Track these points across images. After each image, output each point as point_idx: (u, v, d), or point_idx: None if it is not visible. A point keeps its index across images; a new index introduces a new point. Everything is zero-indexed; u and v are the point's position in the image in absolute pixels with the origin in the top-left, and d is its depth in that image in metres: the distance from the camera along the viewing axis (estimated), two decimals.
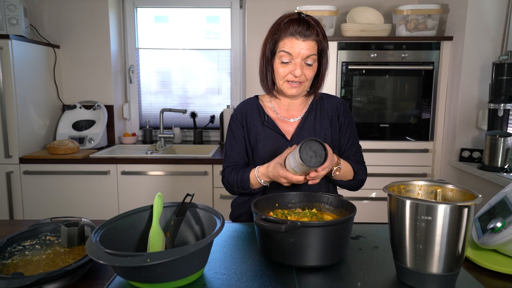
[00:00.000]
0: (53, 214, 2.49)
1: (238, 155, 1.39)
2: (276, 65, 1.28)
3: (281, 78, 1.28)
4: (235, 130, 1.40)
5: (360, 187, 1.39)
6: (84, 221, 1.10)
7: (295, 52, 1.23)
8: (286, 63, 1.26)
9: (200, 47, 3.23)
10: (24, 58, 2.53)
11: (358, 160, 1.40)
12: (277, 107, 1.40)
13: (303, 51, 1.23)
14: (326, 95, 1.44)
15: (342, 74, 2.56)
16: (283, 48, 1.24)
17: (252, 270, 0.94)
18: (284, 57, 1.25)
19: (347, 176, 1.32)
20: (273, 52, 1.28)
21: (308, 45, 1.23)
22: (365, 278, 0.90)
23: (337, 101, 1.42)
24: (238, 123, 1.40)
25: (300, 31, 1.22)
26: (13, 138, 2.49)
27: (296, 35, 1.22)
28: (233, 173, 1.33)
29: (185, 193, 1.05)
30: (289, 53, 1.24)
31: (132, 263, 0.74)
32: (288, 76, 1.27)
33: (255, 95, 1.46)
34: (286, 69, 1.26)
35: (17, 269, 0.90)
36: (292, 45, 1.23)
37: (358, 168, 1.35)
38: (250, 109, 1.40)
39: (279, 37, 1.25)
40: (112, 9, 3.00)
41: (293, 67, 1.25)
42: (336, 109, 1.40)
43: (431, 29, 2.54)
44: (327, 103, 1.41)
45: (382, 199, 2.63)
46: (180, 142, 3.17)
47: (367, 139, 2.62)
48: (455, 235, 0.80)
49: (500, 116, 2.16)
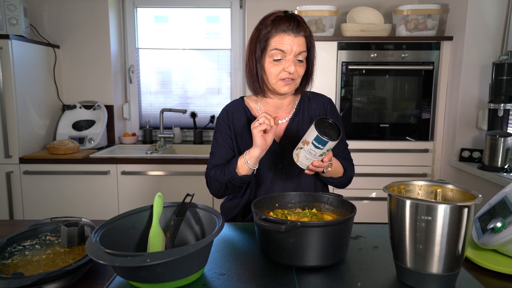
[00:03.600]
0: (53, 214, 2.49)
1: (226, 156, 1.36)
2: (267, 64, 1.26)
3: (274, 77, 1.26)
4: (222, 132, 1.37)
5: (348, 184, 1.40)
6: (84, 221, 1.10)
7: (288, 48, 1.22)
8: (278, 61, 1.24)
9: (200, 47, 3.23)
10: (24, 58, 2.53)
11: (346, 157, 1.41)
12: (263, 109, 1.37)
13: (295, 47, 1.22)
14: (313, 93, 1.43)
15: (342, 74, 2.56)
16: (275, 46, 1.22)
17: (252, 270, 0.94)
18: (276, 55, 1.23)
19: (337, 173, 1.32)
20: (263, 51, 1.26)
21: (299, 41, 1.23)
22: (365, 278, 0.90)
23: (323, 100, 1.42)
24: (225, 125, 1.37)
25: (292, 27, 1.21)
26: (13, 138, 2.49)
27: (288, 31, 1.21)
28: (218, 170, 1.30)
29: (185, 193, 1.05)
30: (282, 50, 1.22)
31: (132, 263, 0.74)
32: (281, 74, 1.25)
33: (241, 97, 1.44)
34: (279, 68, 1.24)
35: (17, 269, 0.90)
36: (285, 41, 1.21)
37: (347, 165, 1.37)
38: (237, 111, 1.38)
39: (270, 34, 1.23)
40: (112, 9, 3.00)
41: (287, 64, 1.23)
42: (323, 107, 1.40)
43: (431, 29, 2.54)
44: (314, 102, 1.40)
45: (382, 199, 2.63)
46: (180, 142, 3.17)
47: (367, 139, 2.62)
48: (455, 235, 0.80)
49: (500, 116, 2.16)
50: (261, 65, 1.27)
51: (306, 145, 1.10)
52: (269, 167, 1.34)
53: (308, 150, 1.09)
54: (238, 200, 1.40)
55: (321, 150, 1.08)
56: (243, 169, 1.25)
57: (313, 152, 1.09)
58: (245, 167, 1.24)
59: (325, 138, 1.05)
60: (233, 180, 1.27)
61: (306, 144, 1.10)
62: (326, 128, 1.09)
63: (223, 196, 1.37)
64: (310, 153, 1.10)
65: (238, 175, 1.26)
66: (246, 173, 1.26)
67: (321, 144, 1.06)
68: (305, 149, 1.10)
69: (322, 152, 1.09)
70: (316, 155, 1.10)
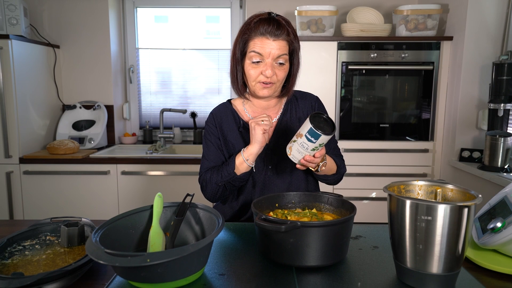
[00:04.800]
0: (53, 214, 2.48)
1: (218, 159, 1.35)
2: (246, 66, 1.26)
3: (252, 79, 1.26)
4: (212, 135, 1.37)
5: (340, 180, 1.41)
6: (84, 221, 1.09)
7: (266, 52, 1.21)
8: (256, 63, 1.23)
9: (200, 47, 3.23)
10: (24, 58, 2.53)
11: (337, 154, 1.42)
12: (250, 111, 1.37)
13: (273, 51, 1.21)
14: (300, 93, 1.43)
15: (342, 74, 2.56)
16: (253, 49, 1.22)
17: (252, 270, 0.94)
18: (254, 57, 1.22)
19: (331, 170, 1.32)
20: (243, 53, 1.25)
21: (279, 45, 1.21)
22: (365, 278, 0.90)
23: (311, 98, 1.42)
24: (214, 129, 1.37)
25: (270, 30, 1.20)
26: (13, 138, 2.49)
27: (266, 34, 1.20)
28: (214, 172, 1.29)
29: (185, 193, 1.05)
30: (259, 53, 1.21)
31: (132, 263, 0.74)
32: (259, 77, 1.24)
33: (228, 100, 1.44)
34: (257, 70, 1.24)
35: (17, 269, 0.90)
36: (262, 44, 1.21)
37: (340, 162, 1.37)
38: (225, 115, 1.38)
39: (249, 37, 1.23)
40: (112, 9, 3.00)
41: (264, 67, 1.22)
42: (311, 106, 1.40)
43: (431, 29, 2.54)
44: (301, 101, 1.41)
45: (382, 199, 2.63)
46: (180, 142, 3.17)
47: (367, 139, 2.62)
48: (455, 235, 0.80)
49: (500, 116, 2.16)
50: (241, 67, 1.28)
51: (300, 138, 1.10)
52: (259, 168, 1.35)
53: (301, 143, 1.10)
54: (233, 203, 1.39)
55: (313, 144, 1.08)
56: (242, 167, 1.25)
57: (305, 146, 1.10)
58: (244, 165, 1.24)
59: (318, 132, 1.06)
60: (233, 180, 1.27)
61: (300, 137, 1.10)
62: (320, 123, 1.09)
63: (218, 199, 1.36)
64: (303, 146, 1.10)
65: (237, 174, 1.26)
66: (245, 171, 1.26)
67: (314, 137, 1.07)
68: (298, 141, 1.11)
69: (315, 146, 1.09)
70: (308, 149, 1.10)
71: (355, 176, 2.61)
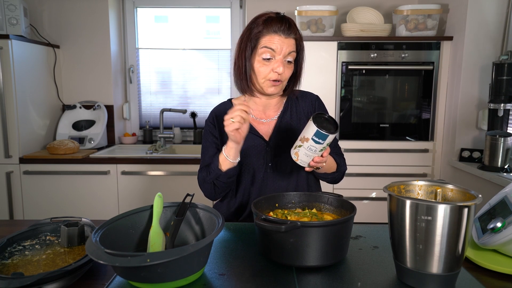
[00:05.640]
0: (53, 214, 2.49)
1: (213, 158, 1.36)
2: (256, 63, 1.27)
3: (262, 76, 1.27)
4: (210, 135, 1.38)
5: (342, 179, 1.40)
6: (84, 221, 1.09)
7: (278, 48, 1.23)
8: (267, 60, 1.25)
9: (200, 47, 3.23)
10: (24, 58, 2.53)
11: (338, 153, 1.42)
12: (251, 109, 1.37)
13: (285, 47, 1.23)
14: (300, 92, 1.43)
15: (342, 74, 2.56)
16: (265, 44, 1.23)
17: (252, 270, 0.94)
18: (265, 53, 1.24)
19: (331, 169, 1.32)
20: (253, 50, 1.26)
21: (290, 43, 1.24)
22: (365, 278, 0.90)
23: (311, 97, 1.43)
24: (212, 128, 1.38)
25: (283, 29, 1.23)
26: (13, 138, 2.49)
27: (279, 32, 1.23)
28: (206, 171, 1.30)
29: (185, 193, 1.05)
30: (272, 49, 1.23)
31: (132, 263, 0.74)
32: (270, 74, 1.26)
33: (228, 99, 1.45)
34: (268, 68, 1.25)
35: (17, 269, 0.90)
36: (275, 41, 1.23)
37: (340, 160, 1.37)
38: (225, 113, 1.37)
39: (261, 34, 1.24)
40: (112, 9, 3.00)
41: (275, 64, 1.24)
42: (311, 105, 1.41)
43: (431, 29, 2.54)
44: (302, 100, 1.41)
45: (382, 199, 2.63)
46: (180, 142, 3.17)
47: (367, 139, 2.62)
48: (455, 235, 0.80)
49: (500, 116, 2.16)
50: (250, 64, 1.28)
51: (306, 142, 1.10)
52: (259, 166, 1.35)
53: (308, 146, 1.10)
54: (232, 201, 1.40)
55: (321, 145, 1.09)
56: (225, 164, 1.24)
57: (313, 148, 1.10)
58: (227, 162, 1.23)
59: (325, 132, 1.06)
60: (219, 177, 1.26)
61: (306, 141, 1.10)
62: (323, 123, 1.10)
63: (217, 197, 1.37)
64: (311, 149, 1.10)
65: (222, 171, 1.25)
66: (229, 167, 1.24)
67: (321, 139, 1.07)
68: (304, 146, 1.10)
69: (323, 147, 1.09)
70: (317, 151, 1.10)
71: (355, 176, 2.61)
